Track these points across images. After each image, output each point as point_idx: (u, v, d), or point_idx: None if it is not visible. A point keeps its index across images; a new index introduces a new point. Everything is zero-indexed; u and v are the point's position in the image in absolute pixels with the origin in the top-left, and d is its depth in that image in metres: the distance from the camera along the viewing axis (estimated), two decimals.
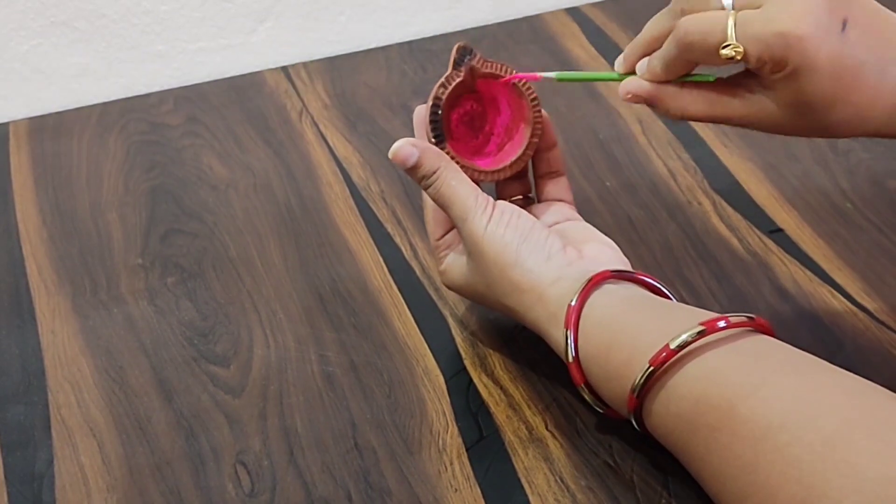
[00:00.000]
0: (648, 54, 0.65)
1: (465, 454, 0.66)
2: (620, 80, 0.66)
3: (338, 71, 1.03)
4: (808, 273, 0.77)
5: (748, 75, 0.62)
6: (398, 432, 0.68)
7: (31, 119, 0.99)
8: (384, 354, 0.73)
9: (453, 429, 0.68)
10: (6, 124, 0.98)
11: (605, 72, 0.69)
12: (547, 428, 0.67)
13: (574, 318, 0.63)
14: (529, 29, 1.07)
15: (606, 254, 0.69)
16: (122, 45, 1.02)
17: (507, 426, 0.68)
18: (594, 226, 0.72)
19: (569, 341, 0.63)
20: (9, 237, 0.85)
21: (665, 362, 0.58)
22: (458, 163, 0.69)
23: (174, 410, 0.70)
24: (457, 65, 0.70)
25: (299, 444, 0.67)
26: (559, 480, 0.64)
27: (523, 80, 0.70)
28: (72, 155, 0.94)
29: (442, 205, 0.68)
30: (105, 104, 1.00)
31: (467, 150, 0.71)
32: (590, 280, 0.64)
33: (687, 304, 0.75)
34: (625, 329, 0.62)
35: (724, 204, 0.84)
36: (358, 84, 1.01)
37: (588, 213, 0.76)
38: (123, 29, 1.01)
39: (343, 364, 0.72)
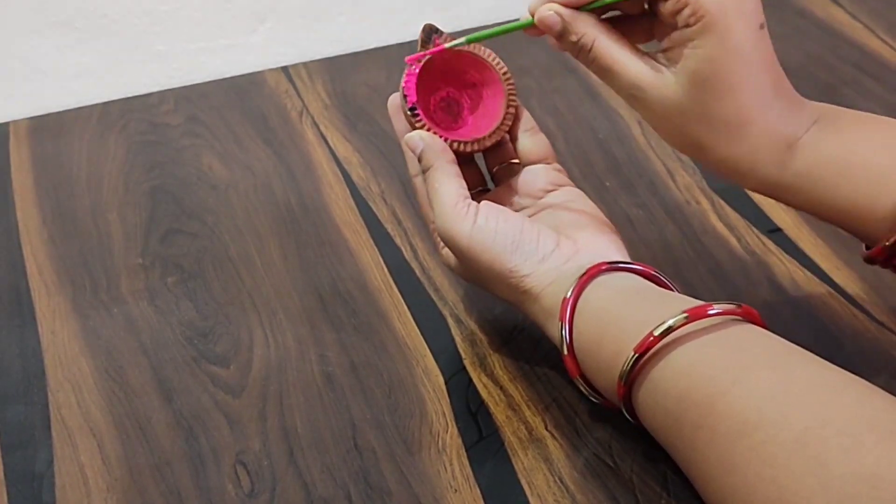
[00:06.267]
0: None
1: (465, 454, 0.66)
2: (532, 25, 0.66)
3: (338, 71, 1.03)
4: (807, 273, 0.77)
5: (658, 53, 0.63)
6: (398, 432, 0.68)
7: (31, 119, 0.99)
8: (384, 355, 0.73)
9: (453, 429, 0.68)
10: (6, 124, 0.98)
11: (519, 21, 0.67)
12: (546, 428, 0.67)
13: (569, 310, 0.63)
14: None
15: (603, 242, 0.68)
16: (122, 45, 1.02)
17: (506, 426, 0.68)
18: None
19: (563, 334, 0.64)
20: (9, 237, 0.85)
21: (649, 349, 0.58)
22: (435, 134, 0.70)
23: (174, 410, 0.70)
24: (424, 45, 0.71)
25: (299, 445, 0.67)
26: (559, 481, 0.64)
27: (490, 55, 0.71)
28: (72, 155, 0.94)
29: (429, 200, 0.69)
30: (105, 104, 1.00)
31: (446, 128, 0.72)
32: (585, 273, 0.64)
33: None
34: (615, 320, 0.62)
35: (723, 203, 0.84)
36: (358, 84, 1.01)
37: None
38: (124, 29, 1.01)
39: (343, 364, 0.73)
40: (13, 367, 0.74)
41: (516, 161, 0.74)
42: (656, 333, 0.58)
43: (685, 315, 0.58)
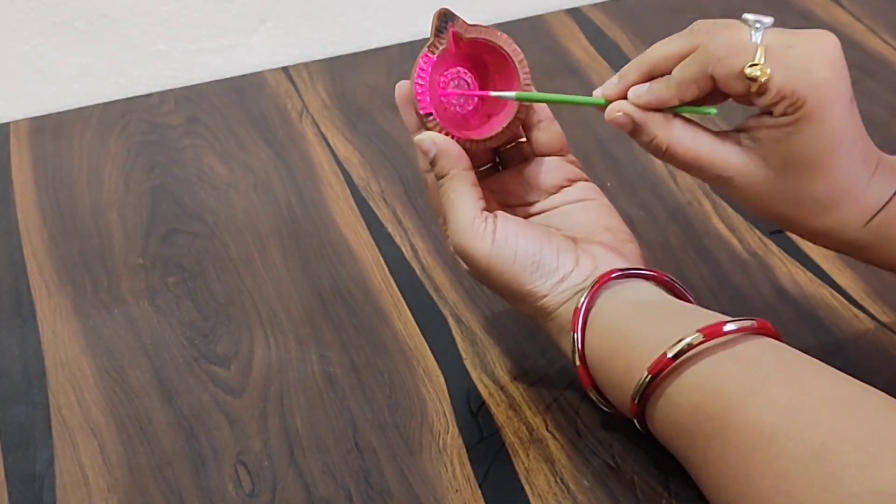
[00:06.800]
0: (649, 78, 0.62)
1: (466, 455, 0.66)
2: (602, 106, 0.64)
3: (338, 71, 1.03)
4: (809, 274, 0.77)
5: (740, 131, 0.61)
6: (399, 433, 0.68)
7: (31, 119, 0.99)
8: (385, 355, 0.73)
9: (454, 429, 0.68)
10: (7, 124, 0.98)
11: (589, 98, 0.65)
12: (547, 429, 0.67)
13: (581, 321, 0.63)
14: (530, 29, 1.07)
15: (620, 254, 0.67)
16: (122, 45, 1.02)
17: (507, 427, 0.68)
18: None
19: (575, 345, 0.63)
20: (9, 237, 0.85)
21: (662, 370, 0.58)
22: (447, 134, 0.66)
23: (175, 410, 0.70)
24: (438, 32, 0.67)
25: (300, 445, 0.67)
26: (560, 481, 0.64)
27: (508, 41, 0.67)
28: (72, 155, 0.94)
29: (439, 209, 0.67)
30: (106, 104, 1.00)
31: (456, 118, 0.68)
32: (596, 281, 0.64)
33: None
34: (626, 335, 0.61)
35: (725, 205, 0.84)
36: (358, 84, 1.01)
37: None
38: (124, 29, 1.01)
39: (344, 364, 0.72)
40: (14, 367, 0.74)
41: (524, 140, 0.70)
42: (670, 355, 0.58)
43: (700, 335, 0.58)
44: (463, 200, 0.65)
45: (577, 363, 0.63)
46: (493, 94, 0.67)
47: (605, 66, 1.00)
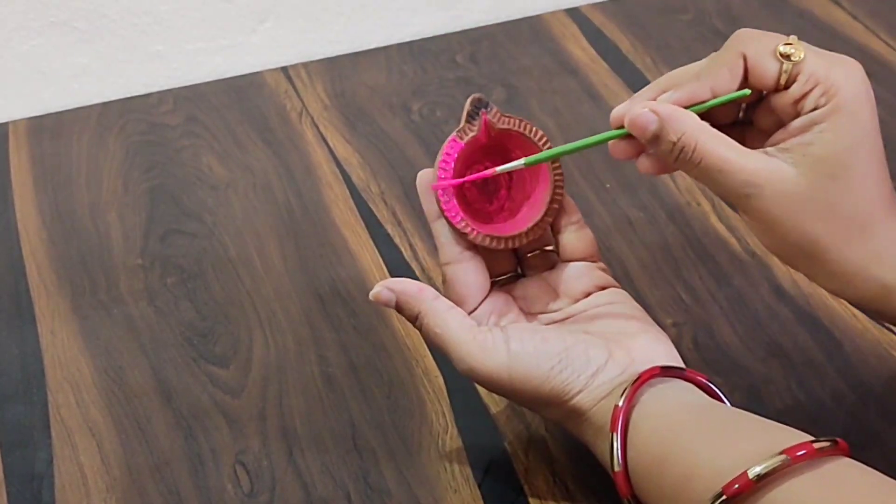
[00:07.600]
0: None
1: (465, 455, 0.66)
2: (624, 136, 0.60)
3: (338, 71, 1.03)
4: None
5: (767, 147, 0.57)
6: (398, 433, 0.68)
7: (30, 119, 0.99)
8: (384, 355, 0.73)
9: (453, 430, 0.68)
10: (6, 124, 0.98)
11: (606, 133, 0.61)
12: (547, 429, 0.67)
13: (622, 421, 0.57)
14: (529, 29, 1.07)
15: (657, 350, 0.62)
16: (121, 45, 1.02)
17: (507, 427, 0.68)
18: (593, 227, 0.69)
19: (615, 449, 0.57)
20: (8, 237, 0.85)
21: (742, 492, 0.52)
22: (471, 231, 0.63)
23: (173, 410, 0.70)
24: (470, 118, 0.63)
25: (299, 445, 0.67)
26: (559, 481, 0.64)
27: (542, 138, 0.64)
28: (71, 155, 0.94)
29: (436, 348, 0.63)
30: (104, 104, 1.00)
31: (481, 213, 0.65)
32: (637, 378, 0.58)
33: (686, 303, 0.75)
34: (683, 443, 0.56)
35: (724, 205, 0.84)
36: (358, 84, 1.01)
37: (587, 213, 0.75)
38: (123, 29, 1.01)
39: (342, 365, 0.72)
40: (13, 367, 0.74)
41: (551, 248, 0.67)
42: (751, 476, 0.51)
43: (787, 457, 0.52)
44: (451, 326, 0.61)
45: (617, 468, 0.57)
46: (498, 169, 0.63)
47: (604, 66, 1.00)
